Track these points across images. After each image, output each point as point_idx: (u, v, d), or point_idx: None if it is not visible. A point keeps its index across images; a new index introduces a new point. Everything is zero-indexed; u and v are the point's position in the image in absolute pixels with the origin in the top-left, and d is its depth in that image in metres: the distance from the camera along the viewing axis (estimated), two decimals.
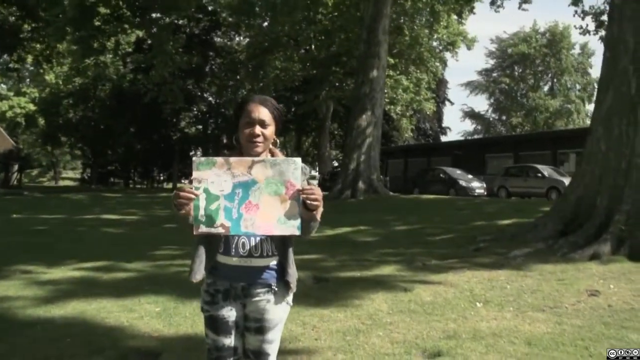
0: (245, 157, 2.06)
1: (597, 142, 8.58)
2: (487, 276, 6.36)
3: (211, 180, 1.99)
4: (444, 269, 6.79)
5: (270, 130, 2.23)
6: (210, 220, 2.00)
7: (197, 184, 2.00)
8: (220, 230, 2.01)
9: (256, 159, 2.03)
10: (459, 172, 27.20)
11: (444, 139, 51.39)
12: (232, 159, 2.01)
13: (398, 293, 5.58)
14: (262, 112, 2.21)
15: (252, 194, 1.99)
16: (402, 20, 31.89)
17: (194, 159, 2.04)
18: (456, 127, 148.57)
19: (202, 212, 2.00)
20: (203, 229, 2.01)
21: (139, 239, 10.85)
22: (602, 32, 20.55)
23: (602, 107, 8.64)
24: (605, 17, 20.84)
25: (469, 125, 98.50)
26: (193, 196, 1.99)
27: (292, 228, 2.00)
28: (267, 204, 1.99)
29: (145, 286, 6.01)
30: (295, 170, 2.01)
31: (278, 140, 2.37)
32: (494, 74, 60.15)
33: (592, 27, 21.24)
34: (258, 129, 2.19)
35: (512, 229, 9.68)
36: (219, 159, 2.01)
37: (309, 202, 2.01)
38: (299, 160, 2.05)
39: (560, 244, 7.84)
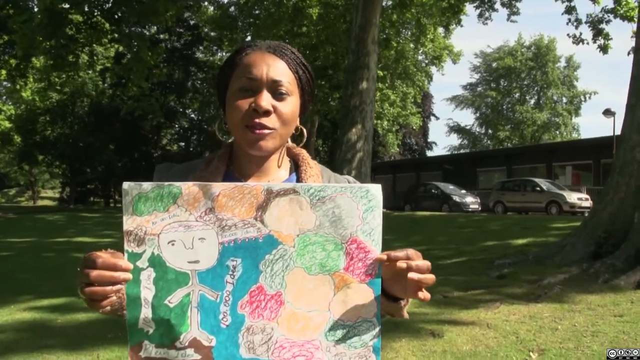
0: (250, 183, 0.93)
1: (631, 150, 7.58)
2: (526, 312, 5.26)
3: (169, 240, 0.88)
4: (472, 303, 5.68)
5: (290, 105, 1.09)
6: (165, 333, 0.89)
7: (135, 247, 0.89)
8: (192, 356, 0.88)
9: (276, 186, 0.90)
10: (451, 187, 26.29)
11: (430, 153, 50.63)
12: (218, 186, 0.90)
13: (426, 339, 4.46)
14: (274, 67, 1.08)
15: (267, 270, 0.89)
16: (387, 32, 31.18)
17: (124, 186, 0.90)
18: (442, 141, 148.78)
19: (145, 314, 0.88)
20: (149, 350, 0.89)
21: None
22: (601, 41, 19.90)
23: (636, 112, 7.65)
24: (603, 26, 20.26)
25: (454, 140, 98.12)
26: (121, 276, 0.87)
27: (362, 351, 0.89)
28: (303, 295, 0.89)
29: (109, 333, 4.82)
30: (371, 213, 0.89)
31: (305, 130, 1.25)
32: (479, 88, 59.66)
33: (587, 36, 20.53)
34: (265, 99, 1.05)
35: (533, 250, 8.61)
36: (187, 187, 0.89)
37: (420, 287, 0.91)
38: (377, 188, 0.91)
39: (597, 268, 6.80)
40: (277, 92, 1.08)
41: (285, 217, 0.88)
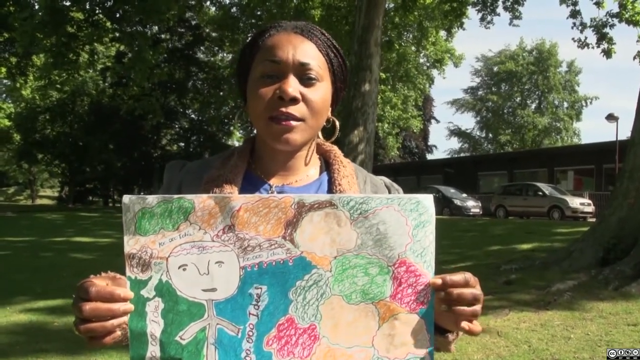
0: (278, 195, 0.77)
1: None
2: (537, 320, 5.12)
3: (180, 264, 0.75)
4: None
5: (320, 92, 0.95)
6: None
7: (139, 272, 0.76)
8: None
9: (309, 198, 0.75)
10: (452, 190, 26.17)
11: (430, 157, 50.50)
12: (239, 199, 0.75)
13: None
14: (302, 48, 0.95)
15: (298, 299, 0.74)
16: (389, 35, 31.08)
17: (125, 200, 0.76)
18: (442, 145, 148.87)
19: (153, 352, 0.74)
20: None
21: (111, 268, 9.44)
22: (604, 45, 19.78)
23: None
24: (607, 30, 20.15)
25: (455, 144, 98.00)
26: (121, 308, 0.74)
27: None
28: (342, 328, 0.74)
29: None
30: (422, 229, 0.76)
31: (338, 123, 1.10)
32: (480, 92, 59.58)
33: (591, 40, 20.37)
34: (292, 85, 0.92)
35: (540, 256, 8.48)
36: (201, 200, 0.75)
37: (461, 317, 0.80)
38: (429, 199, 0.78)
39: (606, 275, 6.65)
40: (305, 77, 0.94)
41: (320, 236, 0.74)
